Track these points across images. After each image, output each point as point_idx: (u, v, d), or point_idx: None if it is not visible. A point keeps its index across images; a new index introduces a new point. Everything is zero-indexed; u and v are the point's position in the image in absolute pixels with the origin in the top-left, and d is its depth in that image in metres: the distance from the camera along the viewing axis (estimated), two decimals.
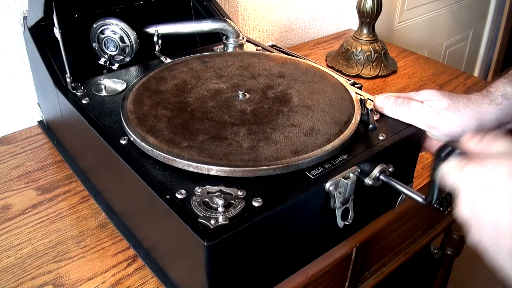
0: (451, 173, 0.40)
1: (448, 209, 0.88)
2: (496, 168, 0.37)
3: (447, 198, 0.86)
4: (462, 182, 0.39)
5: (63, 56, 0.61)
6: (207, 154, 0.47)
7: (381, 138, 0.53)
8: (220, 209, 0.42)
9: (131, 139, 0.51)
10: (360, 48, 1.00)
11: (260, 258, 0.46)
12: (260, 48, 0.75)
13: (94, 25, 0.68)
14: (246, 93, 0.58)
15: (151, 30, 0.71)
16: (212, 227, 0.41)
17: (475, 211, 0.38)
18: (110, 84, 0.63)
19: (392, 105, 0.56)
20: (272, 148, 0.48)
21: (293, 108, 0.56)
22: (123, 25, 0.68)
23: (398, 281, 1.08)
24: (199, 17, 0.83)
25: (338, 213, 0.49)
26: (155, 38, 0.70)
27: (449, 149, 0.41)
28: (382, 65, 1.00)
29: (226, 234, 0.40)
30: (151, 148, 0.48)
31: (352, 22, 1.28)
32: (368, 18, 0.99)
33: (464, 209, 0.39)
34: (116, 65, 0.69)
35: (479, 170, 0.38)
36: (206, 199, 0.44)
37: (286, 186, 0.46)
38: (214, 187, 0.45)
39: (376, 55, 1.00)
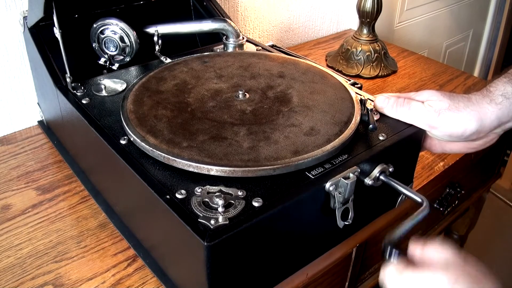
0: (389, 276, 0.40)
1: (448, 209, 0.88)
2: (434, 278, 0.38)
3: (447, 198, 0.86)
4: (397, 286, 0.39)
5: (63, 56, 0.61)
6: (207, 154, 0.47)
7: (381, 138, 0.53)
8: (220, 209, 0.42)
9: (131, 139, 0.51)
10: (360, 48, 1.00)
11: (260, 258, 0.46)
12: (260, 48, 0.75)
13: (94, 25, 0.68)
14: (246, 93, 0.58)
15: (151, 30, 0.71)
16: (212, 227, 0.41)
17: None
18: (110, 84, 0.63)
19: (392, 105, 0.56)
20: (272, 148, 0.48)
21: (293, 108, 0.56)
22: (123, 25, 0.68)
23: None
24: (199, 17, 0.83)
25: (338, 213, 0.49)
26: (155, 38, 0.70)
27: (388, 249, 0.41)
28: (382, 65, 1.00)
29: (226, 234, 0.40)
30: (151, 148, 0.48)
31: (352, 22, 1.28)
32: (368, 18, 0.99)
33: None
34: (116, 65, 0.69)
35: (416, 277, 0.38)
36: (206, 199, 0.44)
37: (286, 186, 0.46)
38: (214, 187, 0.45)
39: (376, 55, 1.00)
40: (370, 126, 0.53)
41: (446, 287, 0.37)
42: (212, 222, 0.41)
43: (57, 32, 0.60)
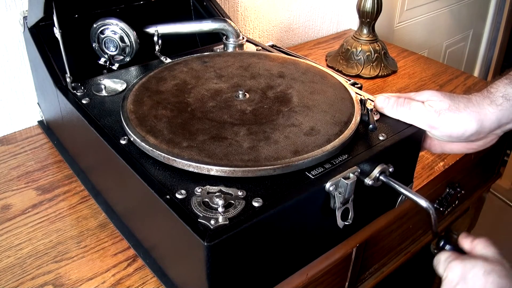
0: (441, 263, 0.50)
1: (448, 209, 0.88)
2: (473, 266, 0.47)
3: (447, 198, 0.86)
4: (446, 272, 0.49)
5: (63, 56, 0.61)
6: (207, 154, 0.47)
7: (381, 138, 0.53)
8: (220, 209, 0.42)
9: (131, 139, 0.51)
10: (360, 48, 1.00)
11: (260, 258, 0.46)
12: (260, 48, 0.75)
13: (94, 25, 0.68)
14: (246, 93, 0.58)
15: (151, 30, 0.71)
16: (212, 227, 0.41)
17: None
18: (110, 84, 0.63)
19: (393, 105, 0.56)
20: (272, 148, 0.48)
21: (293, 108, 0.56)
22: (123, 25, 0.68)
23: (398, 281, 1.08)
24: (199, 17, 0.83)
25: (338, 213, 0.49)
26: (155, 38, 0.70)
27: (442, 242, 0.53)
28: (382, 65, 1.00)
29: (226, 234, 0.40)
30: (151, 148, 0.48)
31: (352, 22, 1.28)
32: (368, 18, 0.99)
33: None
34: (116, 65, 0.69)
35: (460, 266, 0.48)
36: (206, 199, 0.44)
37: (286, 186, 0.46)
38: (214, 187, 0.45)
39: (376, 55, 1.00)
40: (370, 126, 0.53)
41: (482, 274, 0.46)
42: (212, 222, 0.41)
43: (57, 32, 0.60)
